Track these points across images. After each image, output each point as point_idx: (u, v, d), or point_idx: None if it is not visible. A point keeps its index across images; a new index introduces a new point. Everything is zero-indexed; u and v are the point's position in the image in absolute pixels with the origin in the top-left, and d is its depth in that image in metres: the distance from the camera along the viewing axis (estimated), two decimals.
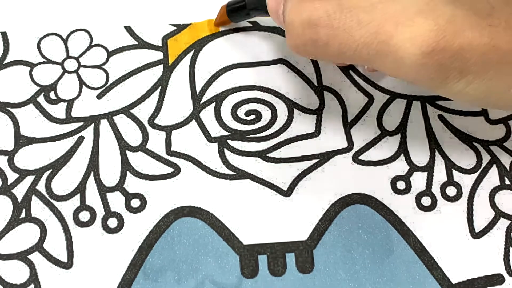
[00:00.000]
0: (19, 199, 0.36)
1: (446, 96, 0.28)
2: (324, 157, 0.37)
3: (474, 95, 0.27)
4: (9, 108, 0.37)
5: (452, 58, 0.25)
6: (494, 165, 0.37)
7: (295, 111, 0.38)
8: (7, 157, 0.36)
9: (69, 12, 0.40)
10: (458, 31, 0.25)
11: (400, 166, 0.37)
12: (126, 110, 0.38)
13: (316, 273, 0.34)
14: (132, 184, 0.36)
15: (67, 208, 0.35)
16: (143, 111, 0.38)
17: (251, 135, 0.37)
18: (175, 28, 0.40)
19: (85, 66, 0.39)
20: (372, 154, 0.37)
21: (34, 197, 0.36)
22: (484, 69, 0.26)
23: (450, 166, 0.37)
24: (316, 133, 0.38)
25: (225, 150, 0.37)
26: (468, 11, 0.26)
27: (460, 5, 0.26)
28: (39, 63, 0.39)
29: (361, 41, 0.26)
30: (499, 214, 0.36)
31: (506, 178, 0.37)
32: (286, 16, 0.29)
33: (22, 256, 0.35)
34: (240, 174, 0.36)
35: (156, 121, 0.37)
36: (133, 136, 0.37)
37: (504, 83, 0.27)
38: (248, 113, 0.38)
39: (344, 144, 0.37)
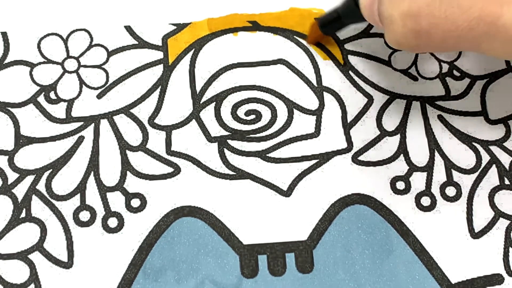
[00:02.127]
0: (19, 199, 0.36)
1: None
2: (323, 158, 0.37)
3: None
4: (9, 108, 0.37)
5: None
6: (494, 165, 0.37)
7: (295, 111, 0.38)
8: (7, 157, 0.36)
9: (69, 12, 0.40)
10: None
11: (399, 167, 0.37)
12: (126, 110, 0.38)
13: (316, 273, 0.35)
14: (132, 184, 0.36)
15: (67, 207, 0.35)
16: (143, 111, 0.38)
17: (251, 135, 0.37)
18: (175, 27, 0.40)
19: (85, 66, 0.39)
20: (371, 155, 0.37)
21: (34, 197, 0.36)
22: None
23: (449, 166, 0.37)
24: (316, 133, 0.38)
25: (225, 150, 0.37)
26: None
27: None
28: (39, 63, 0.39)
29: (464, 25, 0.27)
30: (498, 214, 0.36)
31: (505, 178, 0.37)
32: (384, 11, 0.29)
33: (23, 255, 0.35)
34: (240, 174, 0.36)
35: (156, 120, 0.37)
36: (133, 136, 0.37)
37: None
38: (248, 113, 0.38)
39: (344, 145, 0.37)
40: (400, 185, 0.37)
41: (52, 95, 0.38)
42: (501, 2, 0.26)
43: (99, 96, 0.38)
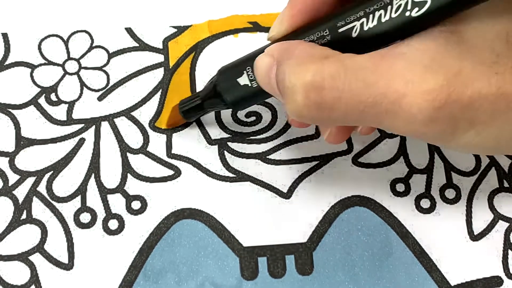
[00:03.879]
0: (20, 201, 0.36)
1: (454, 149, 0.28)
2: (324, 159, 0.37)
3: (483, 145, 0.27)
4: (10, 110, 0.37)
5: (463, 110, 0.25)
6: (493, 168, 0.37)
7: None
8: (8, 158, 0.36)
9: (70, 14, 0.40)
10: (468, 82, 0.25)
11: (399, 169, 0.37)
12: (127, 112, 0.38)
13: (316, 275, 0.35)
14: (133, 186, 0.36)
15: (68, 209, 0.36)
16: (144, 114, 0.38)
17: (251, 137, 0.37)
18: (175, 30, 0.40)
19: (86, 68, 0.39)
20: (371, 157, 0.37)
21: (35, 199, 0.36)
22: (493, 118, 0.26)
23: (449, 168, 0.37)
24: (316, 135, 0.38)
25: (225, 153, 0.37)
26: (474, 62, 0.25)
27: (466, 57, 0.25)
28: (40, 65, 0.39)
29: (368, 101, 0.26)
30: (497, 216, 0.36)
31: (505, 181, 0.37)
32: (285, 80, 0.27)
33: (23, 257, 0.35)
34: (240, 176, 0.37)
35: (157, 124, 0.37)
36: (134, 138, 0.37)
37: None
38: (248, 114, 0.38)
39: (344, 147, 0.37)
40: (400, 187, 0.37)
41: (53, 96, 0.38)
42: (406, 81, 0.25)
43: (100, 98, 0.38)
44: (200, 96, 0.35)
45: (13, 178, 0.36)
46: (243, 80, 0.31)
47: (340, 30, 0.27)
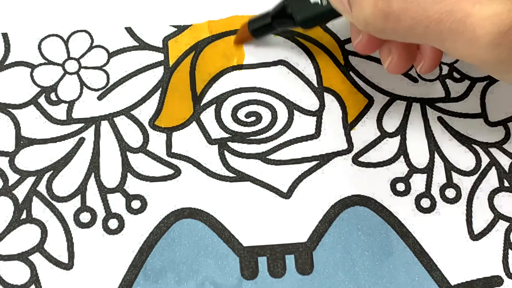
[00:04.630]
0: (20, 200, 0.36)
1: (509, 81, 0.28)
2: (324, 159, 0.37)
3: None
4: (10, 109, 0.37)
5: None
6: (493, 167, 0.37)
7: (295, 112, 0.38)
8: (8, 158, 0.36)
9: (70, 13, 0.40)
10: None
11: (399, 168, 0.37)
12: (126, 112, 0.38)
13: (316, 274, 0.35)
14: (133, 185, 0.36)
15: (67, 209, 0.36)
16: (144, 113, 0.38)
17: (251, 137, 0.37)
18: (175, 29, 0.40)
19: (86, 67, 0.39)
20: (372, 156, 0.37)
21: (35, 198, 0.36)
22: None
23: (449, 168, 0.37)
24: (316, 134, 0.38)
25: (225, 152, 0.37)
26: None
27: None
28: (40, 64, 0.39)
29: (434, 17, 0.26)
30: (498, 216, 0.36)
31: (505, 180, 0.37)
32: None
33: (23, 257, 0.35)
34: (240, 176, 0.36)
35: (157, 122, 0.37)
36: (133, 137, 0.37)
37: None
38: (248, 115, 0.38)
39: (344, 146, 0.37)
40: (400, 186, 0.37)
41: (52, 96, 0.38)
42: (474, 1, 0.25)
43: (100, 98, 0.38)
44: (270, 15, 0.36)
45: (13, 177, 0.36)
46: None
47: None
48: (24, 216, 0.35)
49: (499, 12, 0.25)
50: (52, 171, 0.36)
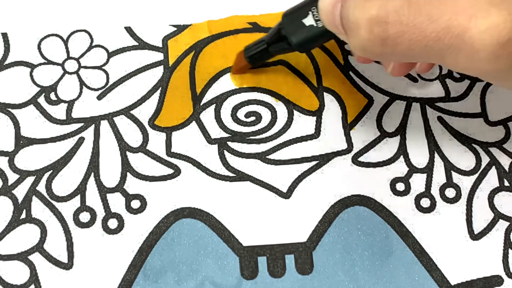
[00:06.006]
0: (20, 200, 0.36)
1: (510, 88, 0.28)
2: (323, 159, 0.37)
3: None
4: (9, 109, 0.37)
5: None
6: (493, 167, 0.37)
7: (295, 112, 0.38)
8: (7, 157, 0.36)
9: (70, 13, 0.40)
10: None
11: (399, 168, 0.37)
12: (126, 111, 0.38)
13: (316, 274, 0.35)
14: (132, 185, 0.36)
15: (67, 209, 0.36)
16: (143, 112, 0.38)
17: (251, 137, 0.37)
18: (175, 29, 0.40)
19: (85, 67, 0.39)
20: (371, 156, 0.37)
21: (34, 198, 0.36)
22: None
23: (449, 167, 0.37)
24: (316, 134, 0.38)
25: (225, 152, 0.37)
26: None
27: None
28: (40, 64, 0.39)
29: (432, 36, 0.26)
30: (498, 215, 0.36)
31: (505, 180, 0.37)
32: (349, 15, 0.28)
33: (23, 256, 0.35)
34: (240, 176, 0.36)
35: (156, 122, 0.37)
36: (133, 137, 0.37)
37: None
38: (248, 114, 0.38)
39: (344, 146, 0.37)
40: (400, 186, 0.37)
41: (52, 96, 0.38)
42: (470, 15, 0.25)
43: (100, 97, 0.38)
44: (265, 41, 0.36)
45: (12, 177, 0.36)
46: (308, 20, 0.32)
47: None
48: (23, 216, 0.35)
49: (496, 24, 0.25)
50: (51, 170, 0.36)
